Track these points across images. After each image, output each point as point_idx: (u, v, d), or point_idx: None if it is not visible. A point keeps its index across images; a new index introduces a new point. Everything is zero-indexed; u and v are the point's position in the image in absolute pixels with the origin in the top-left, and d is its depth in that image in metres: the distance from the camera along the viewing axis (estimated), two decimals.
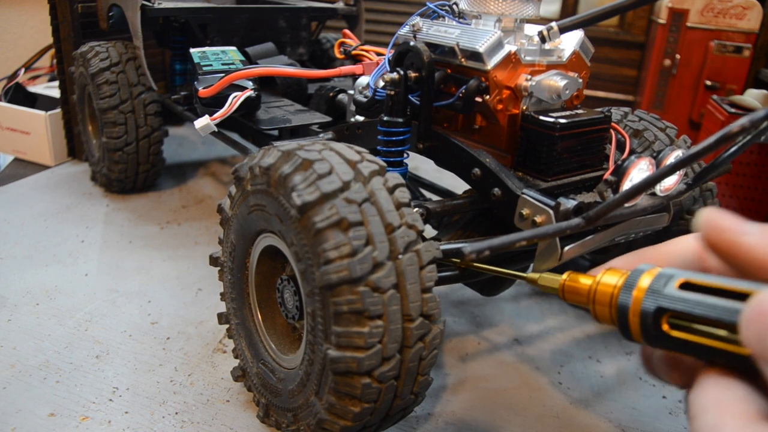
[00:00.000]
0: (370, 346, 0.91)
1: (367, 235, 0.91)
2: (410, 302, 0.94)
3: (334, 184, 0.94)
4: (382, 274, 0.91)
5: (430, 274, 0.97)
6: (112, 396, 1.32)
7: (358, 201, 0.93)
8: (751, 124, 0.81)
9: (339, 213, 0.91)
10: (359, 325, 0.91)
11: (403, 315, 0.94)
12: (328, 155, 1.00)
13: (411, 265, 0.94)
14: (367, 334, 0.90)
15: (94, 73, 2.13)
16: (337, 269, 0.90)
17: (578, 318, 1.76)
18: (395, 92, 1.25)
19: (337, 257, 0.90)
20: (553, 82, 1.19)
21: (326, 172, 0.96)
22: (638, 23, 3.26)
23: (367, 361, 0.92)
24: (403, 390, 1.01)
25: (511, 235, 0.89)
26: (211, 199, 2.40)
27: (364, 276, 0.90)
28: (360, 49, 1.70)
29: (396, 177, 1.02)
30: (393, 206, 0.96)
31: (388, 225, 0.94)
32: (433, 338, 0.99)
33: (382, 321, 0.91)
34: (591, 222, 0.97)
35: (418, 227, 0.97)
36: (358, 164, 1.00)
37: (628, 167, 1.08)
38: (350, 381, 0.94)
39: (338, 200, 0.92)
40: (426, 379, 1.03)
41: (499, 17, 1.26)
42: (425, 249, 0.97)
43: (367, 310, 0.90)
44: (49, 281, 1.74)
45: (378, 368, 0.94)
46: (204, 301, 1.70)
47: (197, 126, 1.53)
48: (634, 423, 1.36)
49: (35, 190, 2.37)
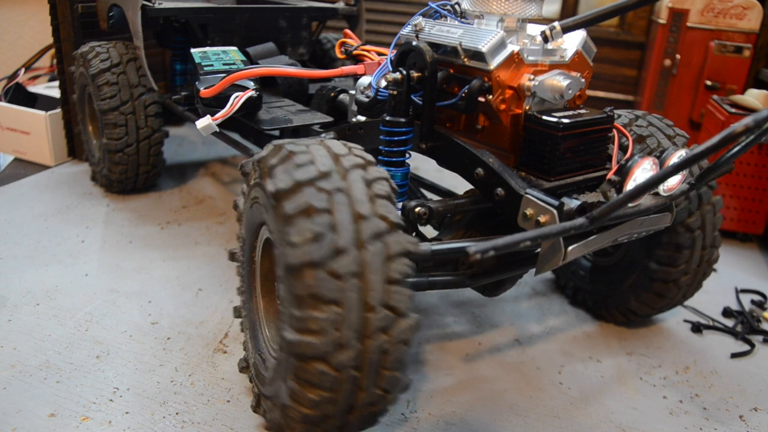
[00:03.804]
0: (326, 331, 0.93)
1: (331, 223, 0.94)
2: (371, 291, 0.94)
3: (310, 173, 0.97)
4: (342, 261, 0.92)
5: (399, 267, 0.96)
6: (113, 396, 1.31)
7: (329, 190, 0.96)
8: (755, 124, 0.81)
9: (307, 200, 0.94)
10: (316, 309, 0.92)
11: (364, 304, 0.94)
12: (315, 149, 1.03)
13: (376, 255, 0.95)
14: (321, 320, 0.92)
15: (95, 74, 2.12)
16: (297, 253, 0.92)
17: (579, 318, 1.76)
18: (398, 92, 1.25)
19: (299, 241, 0.92)
20: (556, 82, 1.19)
21: (305, 163, 0.99)
22: (638, 23, 3.26)
23: (323, 346, 0.93)
24: (366, 383, 1.00)
25: (516, 235, 0.89)
26: (212, 200, 2.40)
27: (323, 261, 0.92)
28: (361, 49, 1.69)
29: (380, 172, 1.03)
30: (366, 197, 0.98)
31: (357, 214, 0.95)
32: (399, 332, 0.98)
33: (339, 308, 0.93)
34: (595, 222, 0.97)
35: (390, 219, 0.97)
36: (343, 157, 1.02)
37: (632, 167, 1.08)
38: (307, 366, 0.95)
39: (310, 188, 0.96)
40: (394, 375, 1.02)
41: (502, 17, 1.26)
42: (396, 241, 0.97)
43: (323, 295, 0.92)
44: (50, 281, 1.74)
45: (334, 355, 0.94)
46: (204, 301, 1.70)
47: (199, 126, 1.52)
48: (635, 423, 1.36)
49: (35, 190, 2.36)
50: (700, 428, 1.36)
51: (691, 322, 1.77)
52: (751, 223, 2.35)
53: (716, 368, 1.58)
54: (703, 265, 1.55)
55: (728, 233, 2.41)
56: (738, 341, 1.71)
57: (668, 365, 1.58)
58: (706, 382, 1.52)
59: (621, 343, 1.65)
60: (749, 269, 2.18)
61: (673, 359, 1.60)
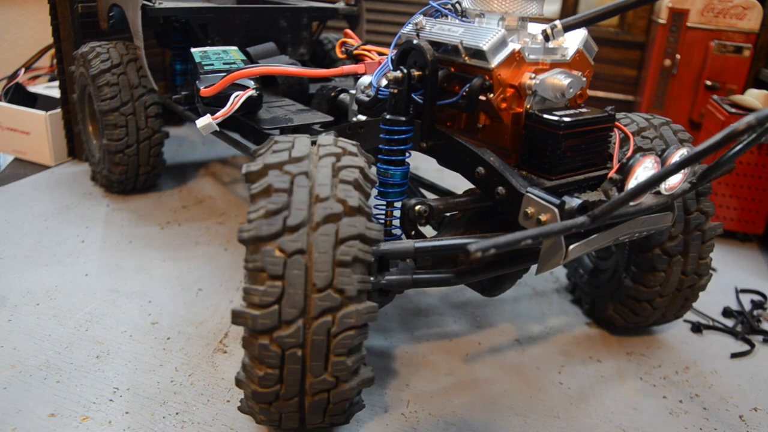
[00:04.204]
0: (266, 304, 0.95)
1: (286, 202, 0.97)
2: (317, 271, 0.96)
3: (279, 157, 1.02)
4: (288, 238, 0.95)
5: (349, 249, 0.97)
6: (113, 396, 1.31)
7: (294, 173, 1.00)
8: (757, 123, 0.81)
9: (269, 181, 0.99)
10: (258, 282, 0.96)
11: (308, 282, 0.96)
12: (300, 140, 1.08)
13: (325, 236, 0.97)
14: (262, 292, 0.95)
15: (95, 75, 2.12)
16: (248, 228, 0.97)
17: (579, 318, 1.76)
18: (398, 91, 1.25)
19: (254, 218, 0.97)
20: (557, 81, 1.19)
21: (281, 150, 1.04)
22: (638, 23, 3.26)
23: (261, 319, 0.95)
24: (313, 366, 1.00)
25: (517, 234, 0.89)
26: (212, 200, 2.40)
27: (269, 236, 0.95)
28: (361, 48, 1.69)
29: (356, 161, 1.06)
30: (329, 182, 1.00)
31: (316, 196, 0.98)
32: (345, 315, 0.98)
33: (281, 282, 0.95)
34: (596, 220, 0.97)
35: (348, 204, 0.99)
36: (323, 147, 1.07)
37: (634, 165, 1.08)
38: (251, 339, 0.98)
39: (275, 170, 1.00)
40: (343, 361, 1.01)
41: (503, 15, 1.26)
42: (348, 224, 0.98)
43: (265, 269, 0.95)
44: (50, 281, 1.74)
45: (275, 330, 0.96)
46: (204, 301, 1.70)
47: (199, 125, 1.52)
48: (635, 423, 1.35)
49: (35, 190, 2.36)
50: (700, 428, 1.36)
51: (691, 322, 1.77)
52: (751, 223, 2.35)
53: (716, 368, 1.58)
54: (684, 291, 1.50)
55: (728, 233, 2.41)
56: (738, 341, 1.71)
57: (668, 365, 1.58)
58: (706, 382, 1.52)
59: (621, 343, 1.65)
60: (749, 269, 2.17)
61: (673, 359, 1.60)
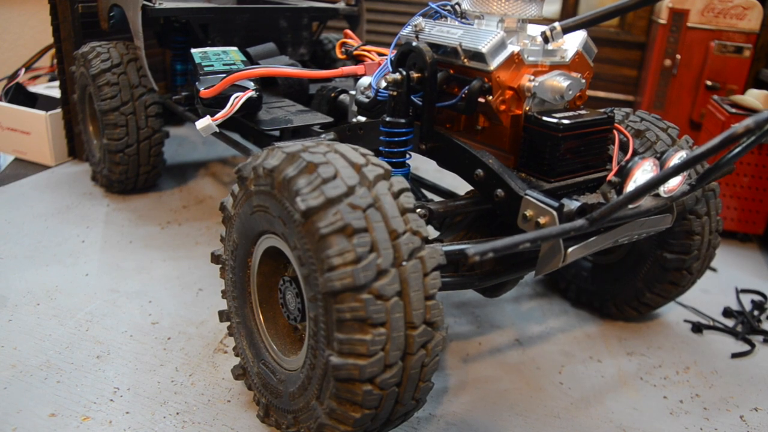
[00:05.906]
0: (373, 353, 0.91)
1: (371, 242, 0.91)
2: (413, 310, 0.93)
3: (339, 189, 0.93)
4: (385, 282, 0.90)
5: (434, 281, 0.96)
6: (113, 396, 1.31)
7: (362, 206, 0.92)
8: (756, 125, 0.81)
9: (344, 219, 0.90)
10: (362, 332, 0.90)
11: (406, 323, 0.93)
12: (333, 158, 0.99)
13: (415, 273, 0.93)
14: (369, 342, 0.90)
15: (95, 75, 2.12)
16: (340, 276, 0.89)
17: (579, 318, 1.76)
18: (398, 93, 1.25)
19: (341, 264, 0.89)
20: (556, 83, 1.19)
21: (331, 177, 0.94)
22: (638, 23, 3.25)
23: (369, 368, 0.91)
24: (405, 396, 1.00)
25: (515, 237, 0.89)
26: (212, 200, 2.40)
27: (367, 283, 0.89)
28: (361, 49, 1.69)
29: (401, 181, 1.01)
30: (398, 212, 0.95)
31: (393, 231, 0.93)
32: (435, 345, 0.98)
33: (385, 329, 0.91)
34: (595, 223, 0.97)
35: (422, 233, 0.96)
36: (363, 168, 0.99)
37: (633, 168, 1.08)
38: (352, 388, 0.94)
39: (343, 206, 0.91)
40: (428, 384, 1.03)
41: (502, 17, 1.26)
42: (429, 256, 0.96)
43: (370, 318, 0.89)
44: (50, 281, 1.74)
45: (380, 375, 0.93)
46: (205, 301, 1.70)
47: (199, 126, 1.52)
48: (635, 423, 1.36)
49: (36, 190, 2.37)
50: (700, 428, 1.36)
51: (692, 322, 1.77)
52: (751, 223, 2.35)
53: (716, 368, 1.58)
54: (710, 250, 1.59)
55: (728, 233, 2.41)
56: (738, 341, 1.71)
57: (668, 365, 1.58)
58: (706, 382, 1.53)
59: (621, 343, 1.65)
60: (749, 269, 2.18)
61: (674, 359, 1.61)
